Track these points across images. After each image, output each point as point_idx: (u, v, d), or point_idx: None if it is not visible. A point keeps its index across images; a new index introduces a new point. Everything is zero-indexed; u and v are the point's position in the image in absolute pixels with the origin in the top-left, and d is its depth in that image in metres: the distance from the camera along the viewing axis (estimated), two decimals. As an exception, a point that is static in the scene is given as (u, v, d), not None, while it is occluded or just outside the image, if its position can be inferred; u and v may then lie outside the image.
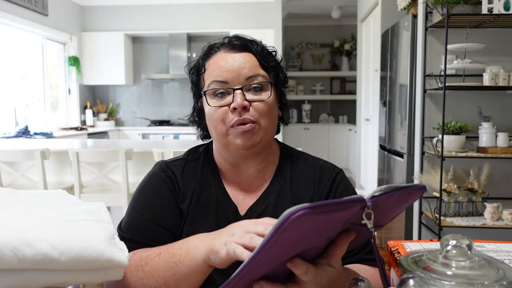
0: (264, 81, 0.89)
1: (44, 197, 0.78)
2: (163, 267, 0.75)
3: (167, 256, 0.76)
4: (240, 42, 0.91)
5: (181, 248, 0.75)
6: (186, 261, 0.73)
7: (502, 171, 2.73)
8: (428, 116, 2.80)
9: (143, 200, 0.93)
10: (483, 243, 0.81)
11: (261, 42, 0.94)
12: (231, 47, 0.90)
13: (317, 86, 7.26)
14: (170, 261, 0.75)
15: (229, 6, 6.00)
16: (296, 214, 0.51)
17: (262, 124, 0.88)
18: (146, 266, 0.77)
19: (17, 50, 4.93)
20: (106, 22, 6.12)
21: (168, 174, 0.95)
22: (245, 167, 0.94)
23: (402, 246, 0.78)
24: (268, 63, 0.90)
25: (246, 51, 0.90)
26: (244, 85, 0.87)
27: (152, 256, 0.78)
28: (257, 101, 0.87)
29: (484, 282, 0.54)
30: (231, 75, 0.87)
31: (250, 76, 0.87)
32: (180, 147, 2.76)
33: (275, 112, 0.93)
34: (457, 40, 2.58)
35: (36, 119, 5.21)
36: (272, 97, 0.89)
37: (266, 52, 0.92)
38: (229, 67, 0.87)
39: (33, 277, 0.61)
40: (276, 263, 0.61)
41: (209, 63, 0.91)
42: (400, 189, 0.62)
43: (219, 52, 0.91)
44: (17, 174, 2.83)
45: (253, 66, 0.88)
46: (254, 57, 0.90)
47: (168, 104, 6.44)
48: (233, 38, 0.92)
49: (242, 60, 0.88)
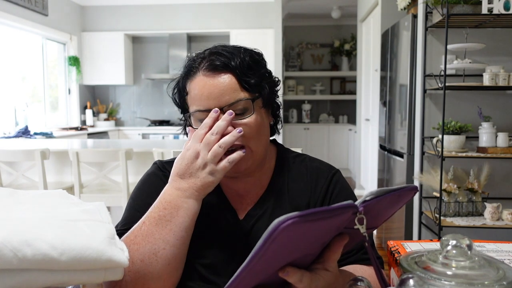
0: (246, 103, 0.86)
1: (44, 197, 0.78)
2: (156, 230, 0.78)
3: (155, 221, 0.78)
4: (220, 61, 0.86)
5: (165, 208, 0.79)
6: (181, 212, 0.79)
7: (502, 171, 2.73)
8: (428, 116, 2.80)
9: (141, 198, 0.93)
10: (483, 243, 0.81)
11: (242, 50, 0.90)
12: (210, 68, 0.86)
13: (317, 86, 7.26)
14: (162, 222, 0.78)
15: (229, 6, 6.00)
16: (285, 223, 0.50)
17: (252, 147, 0.86)
18: (137, 238, 0.78)
19: (17, 50, 4.93)
20: (106, 22, 6.12)
21: (165, 173, 0.95)
22: (241, 178, 0.93)
23: (402, 246, 0.78)
24: (248, 83, 0.86)
25: (225, 72, 0.86)
26: (226, 110, 0.84)
27: (137, 229, 0.80)
28: (241, 125, 0.84)
29: (484, 282, 0.54)
30: (212, 103, 0.84)
31: (231, 103, 0.84)
32: (180, 147, 2.76)
33: (264, 128, 0.90)
34: (457, 40, 2.58)
35: (36, 119, 5.21)
36: (254, 115, 0.86)
37: (246, 66, 0.87)
38: (209, 94, 0.85)
39: (33, 277, 0.61)
40: (270, 271, 0.61)
41: (190, 86, 0.88)
42: (391, 191, 0.62)
43: (199, 74, 0.87)
44: (17, 174, 2.83)
45: (234, 90, 0.85)
46: (234, 78, 0.86)
47: (168, 104, 6.43)
48: (213, 55, 0.88)
49: (221, 85, 0.85)
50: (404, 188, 0.65)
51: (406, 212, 3.05)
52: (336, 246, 0.65)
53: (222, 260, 0.88)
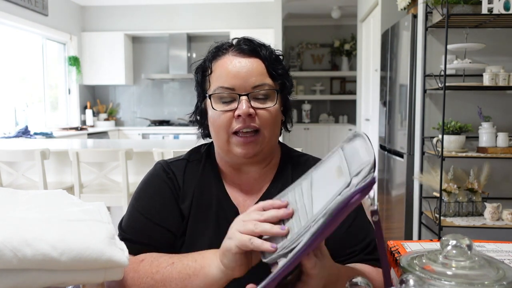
0: (270, 90, 0.87)
1: (44, 197, 0.78)
2: (175, 278, 0.75)
3: (180, 267, 0.75)
4: (249, 46, 0.89)
5: (196, 260, 0.75)
6: (201, 274, 0.73)
7: (502, 171, 2.73)
8: (428, 116, 2.80)
9: (144, 200, 0.93)
10: (483, 243, 0.81)
11: (269, 46, 0.92)
12: (240, 50, 0.88)
13: (317, 86, 7.26)
14: (183, 273, 0.74)
15: (229, 6, 6.00)
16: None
17: (265, 133, 0.87)
18: (157, 274, 0.76)
19: (17, 50, 4.93)
20: (106, 22, 6.12)
21: (169, 174, 0.94)
22: (246, 171, 0.94)
23: (402, 246, 0.78)
24: (276, 71, 0.89)
25: (254, 57, 0.88)
26: (250, 92, 0.86)
27: (164, 265, 0.77)
28: (262, 109, 0.86)
29: (484, 282, 0.54)
30: (238, 82, 0.85)
31: (257, 85, 0.86)
32: (180, 147, 2.77)
33: (279, 120, 0.92)
34: (457, 40, 2.58)
35: (36, 119, 5.21)
36: (276, 105, 0.88)
37: (274, 58, 0.90)
38: (236, 73, 0.86)
39: (33, 277, 0.61)
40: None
41: (216, 65, 0.89)
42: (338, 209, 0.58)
43: (227, 55, 0.89)
44: (17, 174, 2.83)
45: (260, 74, 0.87)
46: (262, 63, 0.88)
47: (168, 104, 6.44)
48: (242, 40, 0.90)
49: (250, 66, 0.86)
50: (352, 194, 0.56)
51: (406, 212, 3.05)
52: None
53: None
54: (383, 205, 3.73)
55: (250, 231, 0.65)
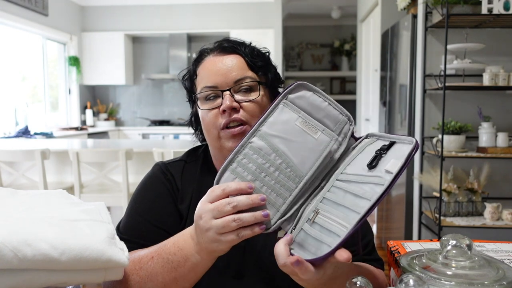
0: (252, 82, 0.89)
1: (44, 197, 0.78)
2: (161, 272, 0.75)
3: (162, 262, 0.76)
4: (229, 44, 0.92)
5: (175, 254, 0.75)
6: (187, 265, 0.74)
7: (502, 171, 2.73)
8: (428, 116, 2.80)
9: (142, 201, 0.93)
10: (483, 243, 0.81)
11: (250, 43, 0.95)
12: (220, 49, 0.92)
13: (317, 86, 7.19)
14: (168, 266, 0.75)
15: (229, 6, 6.00)
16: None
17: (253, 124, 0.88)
18: (141, 271, 0.77)
19: (17, 50, 4.93)
20: (106, 22, 6.12)
21: (167, 176, 0.95)
22: None
23: (402, 246, 0.78)
24: (255, 64, 0.91)
25: (234, 53, 0.91)
26: (232, 87, 0.87)
27: (145, 260, 0.78)
28: (246, 101, 0.87)
29: (484, 282, 0.54)
30: (220, 79, 0.87)
31: (239, 79, 0.88)
32: (180, 147, 2.77)
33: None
34: (457, 40, 2.58)
35: (36, 119, 5.21)
36: (263, 97, 0.89)
37: (255, 54, 0.93)
38: (217, 70, 0.88)
39: (33, 277, 0.61)
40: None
41: (200, 68, 0.92)
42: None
43: (209, 56, 0.92)
44: (17, 174, 2.83)
45: (241, 69, 0.89)
46: (243, 59, 0.90)
47: (168, 104, 6.44)
48: (223, 41, 0.94)
49: (230, 63, 0.89)
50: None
51: (406, 212, 3.05)
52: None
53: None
54: (383, 205, 3.73)
55: (229, 228, 0.65)
